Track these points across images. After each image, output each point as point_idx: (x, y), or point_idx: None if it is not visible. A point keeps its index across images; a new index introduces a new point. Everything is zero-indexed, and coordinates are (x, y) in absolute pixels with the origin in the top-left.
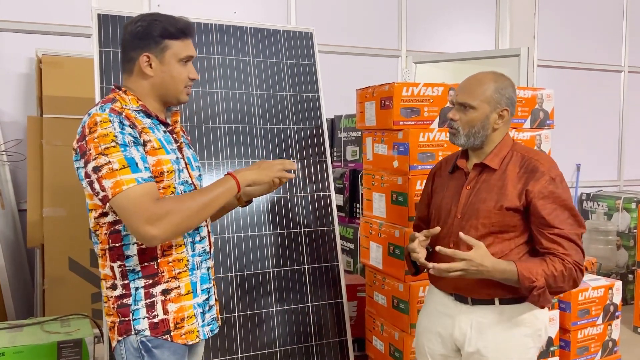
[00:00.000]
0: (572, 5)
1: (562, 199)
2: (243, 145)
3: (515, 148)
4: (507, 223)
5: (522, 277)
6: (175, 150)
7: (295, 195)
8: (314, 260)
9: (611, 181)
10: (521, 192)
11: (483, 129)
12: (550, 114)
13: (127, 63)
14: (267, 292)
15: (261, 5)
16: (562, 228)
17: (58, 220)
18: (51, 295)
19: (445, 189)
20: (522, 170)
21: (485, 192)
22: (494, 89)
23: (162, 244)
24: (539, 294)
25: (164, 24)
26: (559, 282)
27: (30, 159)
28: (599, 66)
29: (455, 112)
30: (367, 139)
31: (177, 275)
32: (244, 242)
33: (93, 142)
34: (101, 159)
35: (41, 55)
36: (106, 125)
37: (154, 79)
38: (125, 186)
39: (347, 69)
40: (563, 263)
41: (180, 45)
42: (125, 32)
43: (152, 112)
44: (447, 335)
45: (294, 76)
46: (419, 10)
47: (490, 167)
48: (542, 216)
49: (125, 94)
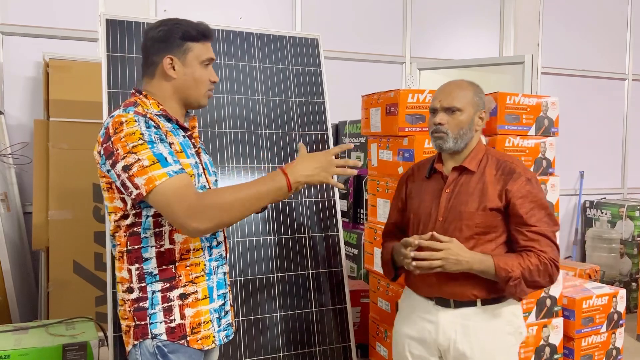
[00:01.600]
0: (576, 13)
1: (538, 198)
2: (249, 150)
3: (489, 152)
4: (489, 224)
5: (498, 268)
6: (194, 154)
7: (300, 201)
8: (318, 265)
9: (615, 189)
10: (501, 192)
11: (469, 130)
12: (555, 121)
13: (148, 67)
14: (271, 297)
15: (267, 11)
16: (539, 226)
17: (63, 223)
18: (56, 298)
19: (423, 193)
20: (499, 172)
21: (466, 195)
22: (473, 93)
23: (181, 248)
24: (515, 284)
25: (186, 27)
26: (534, 276)
27: (36, 162)
28: (603, 74)
29: (442, 116)
30: (372, 145)
31: (195, 280)
32: (249, 247)
33: (120, 142)
34: (130, 157)
35: (48, 59)
36: (132, 124)
37: (177, 81)
38: (158, 181)
39: (351, 75)
40: (539, 258)
41: (201, 47)
42: (147, 38)
43: (173, 117)
44: (431, 340)
45: (299, 82)
46: (423, 17)
47: (469, 169)
48: (520, 215)
49: (146, 98)
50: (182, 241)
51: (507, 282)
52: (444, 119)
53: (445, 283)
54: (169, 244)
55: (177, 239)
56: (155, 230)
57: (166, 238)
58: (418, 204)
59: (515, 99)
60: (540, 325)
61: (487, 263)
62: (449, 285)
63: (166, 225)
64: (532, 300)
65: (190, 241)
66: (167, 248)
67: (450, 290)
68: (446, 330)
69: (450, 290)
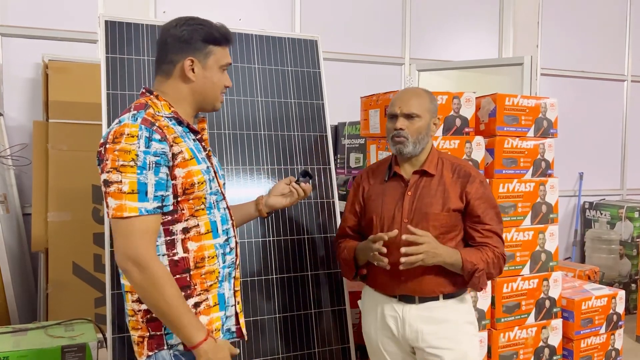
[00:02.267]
0: (575, 14)
1: (490, 199)
2: (248, 152)
3: (441, 156)
4: (452, 223)
5: (465, 261)
6: (205, 159)
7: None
8: (317, 267)
9: (614, 190)
10: (461, 194)
11: (427, 135)
12: (554, 122)
13: (165, 65)
14: (270, 298)
15: (266, 12)
16: (492, 225)
17: (62, 224)
18: (55, 299)
19: (384, 195)
20: (455, 175)
21: (428, 197)
22: (429, 100)
23: (196, 256)
24: (479, 276)
25: (209, 29)
26: (491, 268)
27: (35, 164)
28: (602, 75)
29: (403, 121)
30: (371, 146)
31: (208, 288)
32: (247, 248)
33: (112, 154)
34: (114, 175)
35: (48, 61)
36: (132, 140)
37: (195, 84)
38: (126, 213)
39: (351, 76)
40: (494, 253)
41: (222, 52)
42: (167, 35)
43: (184, 120)
44: (399, 336)
45: (298, 83)
46: (423, 19)
47: (429, 172)
48: (477, 215)
49: (157, 99)
50: (197, 249)
51: (473, 274)
52: (404, 124)
53: (411, 280)
54: (183, 252)
55: (191, 247)
56: (166, 239)
57: (179, 247)
58: (380, 206)
59: (514, 101)
60: (539, 327)
61: (456, 256)
62: (415, 282)
63: (178, 234)
64: (531, 302)
65: (205, 248)
66: (180, 257)
67: (416, 287)
68: (412, 324)
69: (416, 287)
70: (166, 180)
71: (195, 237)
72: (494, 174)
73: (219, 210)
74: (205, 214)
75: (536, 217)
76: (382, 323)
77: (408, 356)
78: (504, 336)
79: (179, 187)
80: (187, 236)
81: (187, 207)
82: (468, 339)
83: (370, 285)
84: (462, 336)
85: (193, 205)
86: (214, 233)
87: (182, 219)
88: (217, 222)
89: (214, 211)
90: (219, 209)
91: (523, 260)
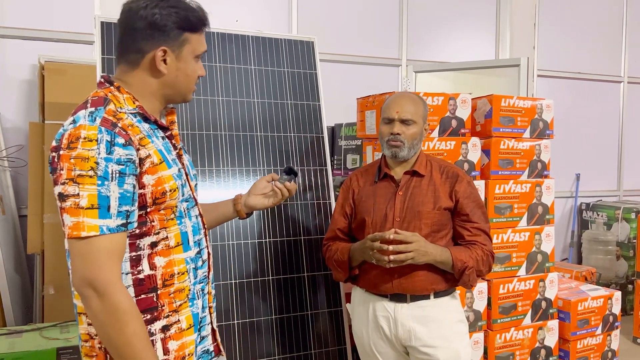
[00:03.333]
0: (572, 16)
1: (477, 198)
2: (244, 153)
3: (429, 158)
4: (442, 222)
5: (455, 259)
6: (175, 160)
7: (295, 203)
8: (314, 268)
9: (611, 191)
10: (450, 193)
11: (420, 140)
12: (550, 123)
13: (131, 54)
14: (266, 299)
15: (263, 13)
16: (479, 223)
17: (59, 226)
18: (50, 301)
19: (375, 196)
20: (443, 176)
21: (420, 196)
22: (423, 107)
23: (164, 273)
24: (469, 273)
25: (184, 13)
26: (480, 266)
27: (31, 165)
28: (599, 76)
29: (400, 127)
30: (367, 147)
31: (178, 308)
32: (244, 250)
33: (68, 162)
34: (70, 187)
35: (44, 62)
36: (90, 145)
37: (167, 77)
38: (84, 232)
39: (348, 78)
40: (482, 250)
41: (198, 39)
42: (135, 17)
43: (151, 116)
44: (391, 336)
45: (295, 85)
46: (419, 20)
47: (419, 173)
48: (465, 213)
49: (119, 91)
50: (165, 265)
51: (463, 271)
52: (401, 129)
53: (403, 279)
54: (149, 269)
55: (159, 263)
56: (131, 255)
57: (145, 263)
58: (371, 206)
59: (510, 102)
60: (535, 328)
61: (447, 254)
62: (407, 280)
63: (145, 249)
64: (527, 303)
65: (174, 264)
66: (147, 275)
67: (408, 285)
68: (404, 323)
69: (408, 286)
70: (132, 193)
71: (163, 252)
72: (490, 175)
73: (190, 219)
74: (175, 224)
75: (532, 218)
76: (374, 324)
77: (401, 356)
78: (500, 337)
79: (148, 196)
80: (154, 251)
81: (158, 219)
82: (460, 338)
83: (360, 285)
84: (455, 335)
85: (164, 216)
86: (184, 246)
87: (152, 232)
88: (189, 233)
89: (185, 220)
90: (190, 217)
91: (519, 262)
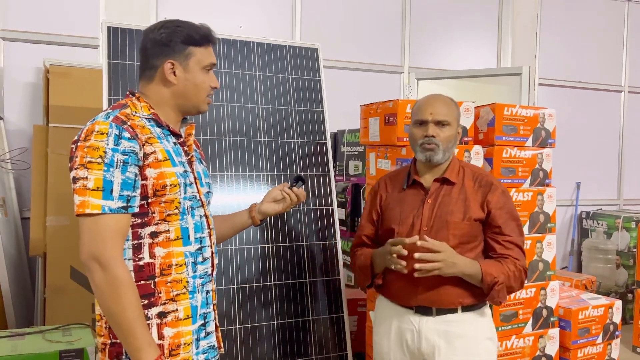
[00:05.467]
0: (573, 25)
1: (512, 209)
2: (248, 158)
3: (462, 164)
4: (472, 233)
5: (485, 273)
6: (184, 163)
7: (298, 209)
8: (316, 273)
9: (611, 200)
10: (482, 203)
11: (454, 144)
12: (552, 133)
13: (147, 70)
14: (268, 304)
15: (267, 20)
16: (513, 236)
17: (61, 229)
18: (52, 304)
19: (402, 203)
20: (476, 184)
21: (449, 205)
22: (456, 108)
23: (162, 262)
24: (499, 289)
25: (188, 31)
26: (512, 282)
27: (34, 168)
28: (600, 86)
29: (434, 129)
30: (370, 154)
31: (175, 298)
32: (247, 255)
33: (82, 151)
34: (81, 171)
35: (49, 65)
36: (100, 138)
37: (177, 87)
38: (88, 209)
39: (349, 84)
40: (515, 265)
41: (203, 52)
42: (147, 39)
43: (164, 122)
44: (414, 349)
45: (299, 91)
46: (421, 27)
47: (450, 181)
48: (498, 225)
49: (138, 100)
50: (164, 255)
51: (493, 287)
52: (435, 131)
53: (429, 290)
54: (149, 257)
55: (158, 253)
56: (133, 243)
57: (146, 251)
58: (398, 214)
59: (513, 110)
60: (536, 336)
61: (476, 267)
62: (433, 292)
63: (146, 238)
64: (528, 311)
65: (173, 255)
66: (146, 262)
67: (434, 297)
68: (429, 337)
69: (434, 298)
70: (134, 180)
71: (163, 243)
72: None
73: (193, 217)
74: (177, 219)
75: (534, 226)
76: (397, 336)
77: None
78: (501, 345)
79: (149, 187)
80: (155, 241)
81: (158, 211)
82: (487, 357)
83: (385, 295)
84: (482, 353)
85: (164, 209)
86: (184, 240)
87: (152, 222)
88: (190, 229)
89: (187, 217)
90: (194, 215)
91: None
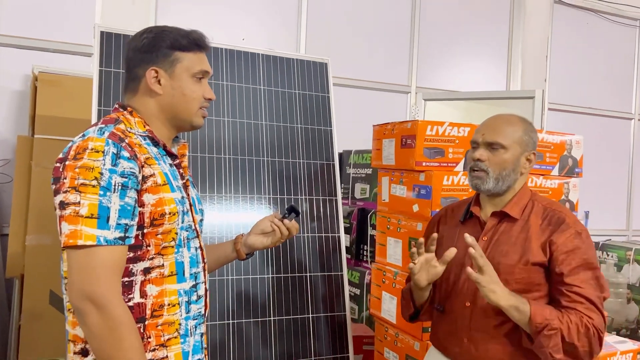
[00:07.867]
0: (583, 50)
1: (587, 256)
2: (248, 178)
3: (535, 198)
4: (532, 281)
5: (535, 312)
6: (180, 188)
7: (301, 236)
8: (319, 308)
9: (619, 230)
10: (545, 244)
11: (513, 172)
12: (579, 161)
13: (131, 82)
14: (267, 342)
15: (270, 35)
16: (584, 288)
17: (41, 248)
18: (27, 332)
19: (457, 239)
20: (545, 221)
21: (506, 245)
22: (523, 131)
23: (154, 303)
24: (550, 335)
25: (174, 35)
26: (572, 336)
27: (17, 181)
28: (610, 112)
29: (483, 152)
30: (383, 178)
31: (166, 343)
32: (244, 286)
33: (72, 172)
34: (72, 195)
35: (38, 73)
36: (96, 156)
37: (163, 98)
38: (81, 241)
39: (355, 103)
40: (581, 318)
41: (192, 58)
42: (129, 48)
43: (160, 141)
44: None
45: (306, 107)
46: (430, 47)
47: (510, 216)
48: (562, 272)
49: (132, 115)
50: (157, 294)
51: (542, 331)
52: (484, 155)
53: (475, 343)
54: (140, 297)
55: (150, 292)
56: (124, 280)
57: (137, 290)
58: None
59: (539, 136)
60: None
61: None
62: (478, 347)
63: (138, 275)
64: None
65: (166, 294)
66: (136, 302)
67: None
68: None
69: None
70: (133, 207)
71: (156, 280)
72: None
73: (189, 250)
74: (172, 252)
75: None
76: None
77: None
78: None
79: (146, 216)
80: (147, 278)
81: (154, 243)
82: None
83: (432, 342)
84: None
85: (161, 240)
86: (179, 276)
87: (146, 257)
88: (185, 264)
89: (183, 250)
90: (189, 248)
91: None
